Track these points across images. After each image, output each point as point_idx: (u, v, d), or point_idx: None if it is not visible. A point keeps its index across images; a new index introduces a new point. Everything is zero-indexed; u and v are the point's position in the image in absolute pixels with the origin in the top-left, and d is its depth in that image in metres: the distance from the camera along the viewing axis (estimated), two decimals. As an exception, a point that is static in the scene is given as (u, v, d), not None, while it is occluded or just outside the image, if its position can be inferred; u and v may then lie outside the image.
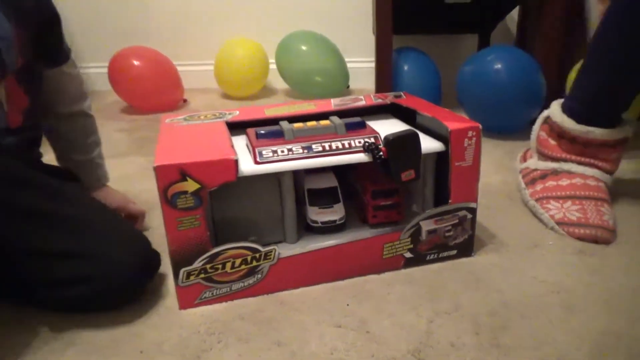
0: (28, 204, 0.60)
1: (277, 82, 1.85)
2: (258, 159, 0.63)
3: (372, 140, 0.65)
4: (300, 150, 0.64)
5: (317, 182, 0.71)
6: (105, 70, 1.66)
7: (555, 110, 0.87)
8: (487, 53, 1.31)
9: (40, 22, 0.69)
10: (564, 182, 0.84)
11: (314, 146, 0.65)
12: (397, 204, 0.70)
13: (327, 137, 0.66)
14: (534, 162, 0.91)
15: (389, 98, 0.84)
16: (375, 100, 0.83)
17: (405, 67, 1.41)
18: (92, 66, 1.92)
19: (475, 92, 1.27)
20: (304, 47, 1.74)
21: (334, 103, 0.82)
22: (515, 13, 1.66)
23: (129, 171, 1.13)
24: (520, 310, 0.61)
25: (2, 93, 0.66)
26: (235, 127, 0.74)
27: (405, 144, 0.64)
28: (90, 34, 1.90)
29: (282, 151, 0.64)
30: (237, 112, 0.78)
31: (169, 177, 0.58)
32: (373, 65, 1.55)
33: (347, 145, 0.65)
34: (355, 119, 0.69)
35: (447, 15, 1.62)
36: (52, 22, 0.73)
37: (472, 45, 1.73)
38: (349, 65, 1.80)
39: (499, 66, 1.23)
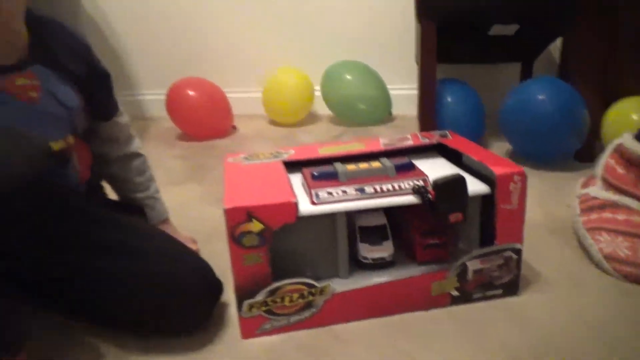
0: (102, 237, 0.68)
1: (322, 108, 1.91)
2: (315, 200, 0.68)
3: (421, 182, 0.69)
4: (354, 192, 0.69)
5: (367, 220, 0.75)
6: (160, 97, 1.78)
7: (627, 138, 0.88)
8: (529, 84, 1.33)
9: (94, 84, 0.76)
10: (621, 216, 0.84)
11: (366, 188, 0.69)
12: (445, 243, 0.74)
13: (378, 179, 0.70)
14: (595, 190, 0.91)
15: (435, 138, 0.88)
16: (422, 139, 0.87)
17: (449, 99, 1.44)
18: (149, 93, 2.05)
19: (518, 123, 1.29)
20: (348, 76, 1.80)
21: (382, 142, 0.87)
22: (559, 41, 1.67)
23: (186, 199, 1.20)
24: (563, 350, 0.63)
25: (74, 155, 0.73)
26: (292, 165, 0.80)
27: (452, 188, 0.68)
28: (148, 63, 2.03)
29: (337, 193, 0.69)
30: (293, 151, 0.84)
31: (237, 218, 0.64)
32: (415, 91, 1.60)
33: (397, 187, 0.70)
34: (404, 160, 0.74)
35: (490, 46, 1.65)
36: (104, 82, 0.80)
37: (515, 72, 1.75)
38: (391, 91, 1.85)
39: (541, 97, 1.24)
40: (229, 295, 0.76)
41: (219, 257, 0.74)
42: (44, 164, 0.61)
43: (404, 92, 1.90)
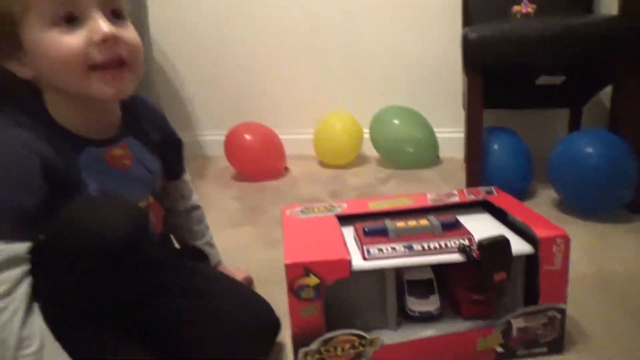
0: (173, 281, 0.76)
1: (370, 150, 1.98)
2: (366, 256, 0.74)
3: (467, 242, 0.74)
4: (402, 249, 0.74)
5: (415, 274, 0.80)
6: (218, 137, 1.92)
7: None
8: (577, 137, 1.35)
9: (169, 150, 0.87)
10: None
11: (414, 245, 0.75)
12: (489, 300, 0.77)
13: (425, 236, 0.75)
14: None
15: (481, 194, 0.92)
16: (468, 196, 0.92)
17: (495, 147, 1.47)
18: (207, 134, 2.19)
19: (566, 174, 1.31)
20: (396, 120, 1.87)
21: (429, 198, 0.92)
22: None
23: (243, 241, 1.28)
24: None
25: (151, 213, 0.82)
26: (344, 219, 0.86)
27: (497, 249, 0.72)
28: (209, 107, 2.18)
29: (387, 249, 0.74)
30: (345, 205, 0.91)
31: (296, 272, 0.71)
32: (462, 135, 1.64)
33: (443, 246, 0.74)
34: (451, 218, 0.78)
35: (538, 92, 1.67)
36: (178, 148, 0.91)
37: (564, 118, 1.76)
38: (438, 135, 1.90)
39: (589, 150, 1.26)
40: (284, 336, 0.83)
41: (273, 298, 0.81)
42: (142, 223, 0.70)
43: (451, 136, 1.95)
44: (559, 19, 1.34)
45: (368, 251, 0.74)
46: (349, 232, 0.82)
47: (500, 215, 0.86)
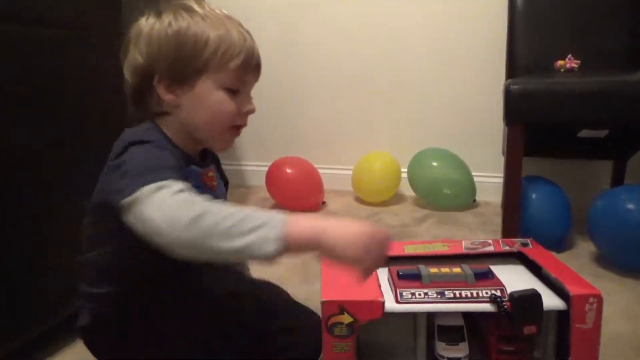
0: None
1: (408, 190, 2.00)
2: (399, 299, 0.77)
3: (498, 293, 0.76)
4: (435, 295, 0.77)
5: (446, 320, 0.82)
6: (260, 168, 2.00)
7: None
8: (620, 191, 1.35)
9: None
10: None
11: (446, 292, 0.77)
12: (520, 351, 0.78)
13: (458, 284, 0.78)
14: None
15: (516, 246, 0.94)
16: (503, 247, 0.94)
17: (534, 196, 1.48)
18: (251, 164, 2.28)
19: (606, 229, 1.30)
20: (434, 163, 1.90)
21: (464, 245, 0.94)
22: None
23: (280, 274, 1.32)
24: None
25: None
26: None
27: (528, 302, 0.73)
28: (253, 138, 2.27)
29: (420, 294, 0.77)
30: (382, 249, 0.94)
31: (331, 310, 0.74)
32: (500, 180, 1.65)
33: (475, 295, 0.76)
34: (484, 268, 0.81)
35: (581, 144, 1.68)
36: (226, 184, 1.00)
37: (606, 170, 1.75)
38: (476, 179, 1.91)
39: (631, 206, 1.25)
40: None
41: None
42: None
43: (489, 180, 1.96)
44: (602, 76, 1.35)
45: (401, 294, 0.77)
46: (383, 275, 0.85)
47: (534, 268, 0.87)
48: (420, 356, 0.80)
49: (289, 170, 1.90)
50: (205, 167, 0.84)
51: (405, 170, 1.97)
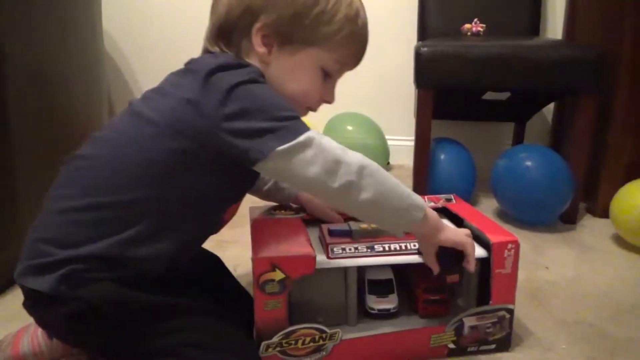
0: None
1: (323, 155, 2.00)
2: (330, 255, 0.76)
3: (426, 244, 0.78)
4: (365, 250, 0.77)
5: (376, 274, 0.83)
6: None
7: None
8: (519, 150, 1.44)
9: None
10: None
11: (376, 246, 0.78)
12: (445, 300, 0.82)
13: (387, 238, 0.79)
14: None
15: (440, 202, 0.97)
16: (429, 203, 0.96)
17: (442, 156, 1.54)
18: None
19: (507, 186, 1.39)
20: (349, 127, 1.91)
21: (390, 202, 0.95)
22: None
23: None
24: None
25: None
26: (309, 221, 0.88)
27: (452, 251, 0.76)
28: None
29: (350, 249, 0.77)
30: (310, 208, 0.93)
31: (262, 267, 0.72)
32: (412, 143, 1.70)
33: (403, 247, 0.78)
34: (411, 222, 0.82)
35: (485, 107, 1.77)
36: None
37: (508, 131, 1.88)
38: (389, 142, 1.96)
39: (529, 164, 1.35)
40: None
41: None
42: None
43: (402, 143, 2.01)
44: (504, 41, 1.43)
45: (332, 250, 0.77)
46: (314, 233, 0.84)
47: (457, 221, 0.91)
48: (351, 310, 0.80)
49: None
50: None
51: (321, 135, 1.96)
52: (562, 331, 0.89)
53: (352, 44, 0.73)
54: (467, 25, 1.62)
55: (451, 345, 0.80)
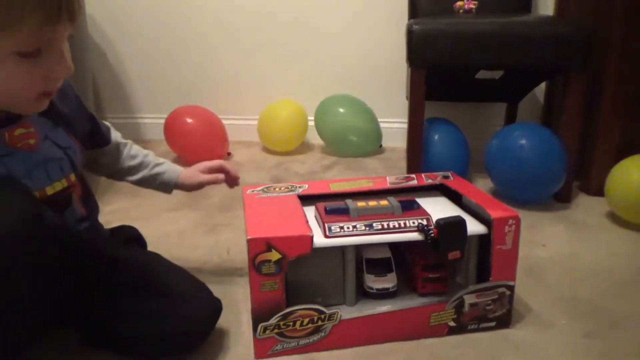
0: (112, 277, 0.75)
1: (315, 138, 1.98)
2: (327, 234, 0.74)
3: (425, 222, 0.76)
4: (363, 228, 0.75)
5: (374, 253, 0.82)
6: (159, 121, 1.83)
7: None
8: (512, 129, 1.43)
9: (83, 126, 0.83)
10: None
11: (374, 224, 0.76)
12: (444, 278, 0.80)
13: (385, 216, 0.77)
14: None
15: (438, 179, 0.95)
16: (426, 180, 0.95)
17: (435, 137, 1.53)
18: (148, 117, 2.10)
19: (501, 165, 1.38)
20: (341, 109, 1.88)
21: (389, 181, 0.94)
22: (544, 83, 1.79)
23: (183, 226, 1.24)
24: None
25: (75, 194, 0.78)
26: (305, 199, 0.86)
27: (453, 228, 0.75)
28: (149, 89, 2.08)
29: (348, 227, 0.75)
30: (307, 186, 0.91)
31: (258, 247, 0.70)
32: (405, 125, 1.68)
33: (402, 225, 0.76)
34: (410, 199, 0.81)
35: (477, 87, 1.75)
36: (91, 123, 0.86)
37: (500, 112, 1.87)
38: (382, 125, 1.94)
39: (523, 142, 1.34)
40: (243, 319, 0.82)
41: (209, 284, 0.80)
42: (33, 210, 0.61)
43: (395, 126, 1.99)
44: (497, 18, 1.41)
45: (329, 229, 0.75)
46: (310, 212, 0.82)
47: (456, 199, 0.89)
48: (349, 289, 0.79)
49: (189, 120, 1.77)
50: (9, 124, 0.68)
51: (312, 119, 1.94)
52: (561, 307, 0.88)
53: (28, 12, 0.56)
54: (460, 3, 1.60)
55: (451, 324, 0.79)
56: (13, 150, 0.68)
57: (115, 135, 0.92)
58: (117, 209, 1.35)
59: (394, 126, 1.98)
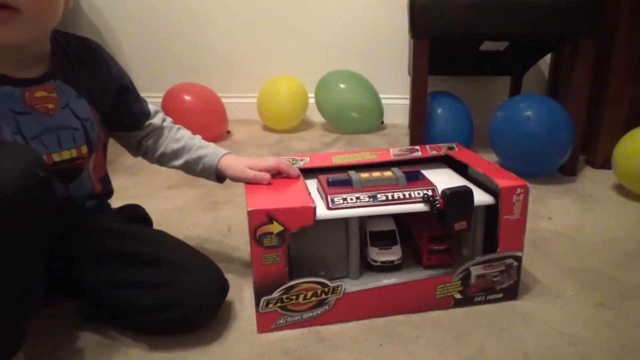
0: (115, 248, 0.73)
1: (316, 116, 1.95)
2: (330, 205, 0.72)
3: (430, 192, 0.74)
4: (367, 199, 0.73)
5: (378, 225, 0.80)
6: (157, 100, 1.79)
7: None
8: (518, 101, 1.39)
9: (107, 101, 0.79)
10: None
11: (378, 195, 0.74)
12: (450, 249, 0.78)
13: (389, 187, 0.75)
14: None
15: (443, 150, 0.93)
16: (431, 151, 0.92)
17: (439, 111, 1.50)
18: (143, 95, 2.05)
19: (506, 138, 1.35)
20: (341, 85, 1.85)
21: (393, 153, 0.92)
22: (549, 56, 1.75)
23: (182, 203, 1.23)
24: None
25: (91, 166, 0.77)
26: (307, 172, 0.84)
27: (460, 198, 0.73)
28: (146, 67, 2.04)
29: (351, 199, 0.73)
30: (308, 159, 0.88)
31: (259, 220, 0.68)
32: (407, 102, 1.65)
33: (407, 196, 0.74)
34: (415, 170, 0.78)
35: (481, 60, 1.72)
36: (121, 94, 0.82)
37: (504, 86, 1.83)
38: (383, 101, 1.90)
39: (529, 114, 1.30)
40: (245, 294, 0.81)
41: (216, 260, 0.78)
42: (42, 172, 0.58)
43: (397, 102, 1.96)
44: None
45: (332, 200, 0.72)
46: (312, 185, 0.80)
47: (461, 170, 0.87)
48: (353, 262, 0.77)
49: (187, 98, 1.74)
50: (33, 84, 0.68)
51: (313, 95, 1.90)
52: (569, 278, 0.87)
53: None
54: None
55: (457, 296, 0.77)
56: (30, 110, 0.68)
57: (160, 119, 0.89)
58: (116, 187, 1.31)
59: (396, 102, 1.95)
